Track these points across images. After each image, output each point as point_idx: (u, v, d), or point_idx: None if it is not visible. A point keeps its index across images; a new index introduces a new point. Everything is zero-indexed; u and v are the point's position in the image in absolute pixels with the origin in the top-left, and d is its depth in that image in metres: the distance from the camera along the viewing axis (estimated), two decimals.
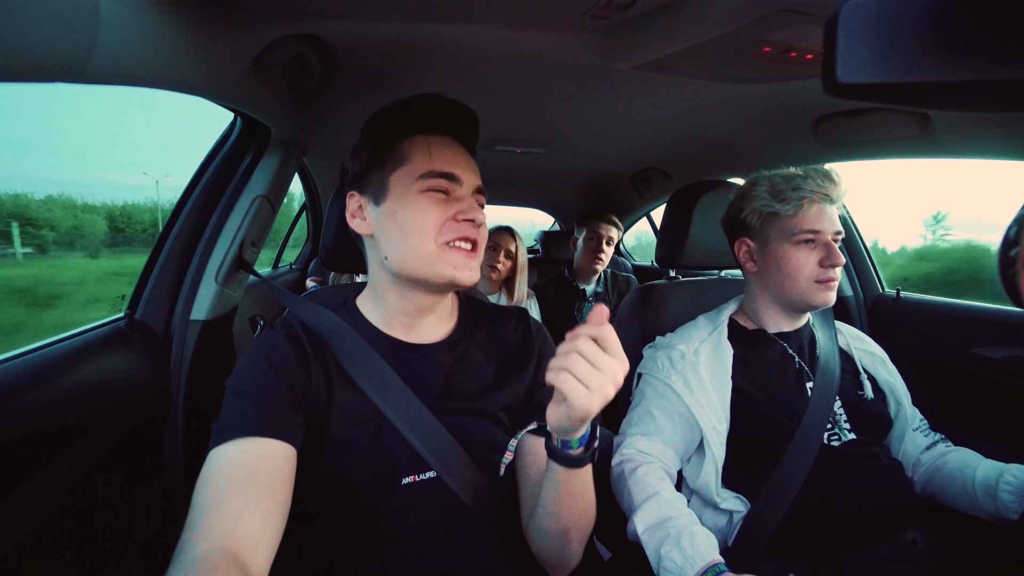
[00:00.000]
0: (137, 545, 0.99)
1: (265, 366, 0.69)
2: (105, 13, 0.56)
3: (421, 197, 0.70)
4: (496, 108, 1.44)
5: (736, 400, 0.98)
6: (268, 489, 0.61)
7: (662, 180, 2.21)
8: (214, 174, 1.21)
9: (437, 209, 0.70)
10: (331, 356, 0.73)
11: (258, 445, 0.63)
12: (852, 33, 0.32)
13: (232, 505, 0.58)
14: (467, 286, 0.72)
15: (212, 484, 0.60)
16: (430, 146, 0.72)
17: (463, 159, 0.74)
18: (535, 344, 0.83)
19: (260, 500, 0.59)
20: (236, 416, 0.65)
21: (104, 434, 0.91)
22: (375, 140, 0.75)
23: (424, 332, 0.79)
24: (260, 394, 0.67)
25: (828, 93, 0.34)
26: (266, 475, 0.62)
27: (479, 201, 0.75)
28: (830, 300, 0.99)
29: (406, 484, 0.71)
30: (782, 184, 0.99)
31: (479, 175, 0.76)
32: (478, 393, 0.77)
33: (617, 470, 0.98)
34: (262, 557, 0.57)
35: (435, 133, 0.75)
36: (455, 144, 0.75)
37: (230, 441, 0.62)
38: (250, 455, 0.62)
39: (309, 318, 0.77)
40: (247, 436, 0.63)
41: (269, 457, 0.63)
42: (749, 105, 1.29)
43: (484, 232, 0.75)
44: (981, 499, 0.91)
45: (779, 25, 0.75)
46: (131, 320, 1.09)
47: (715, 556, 0.78)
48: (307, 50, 0.97)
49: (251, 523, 0.57)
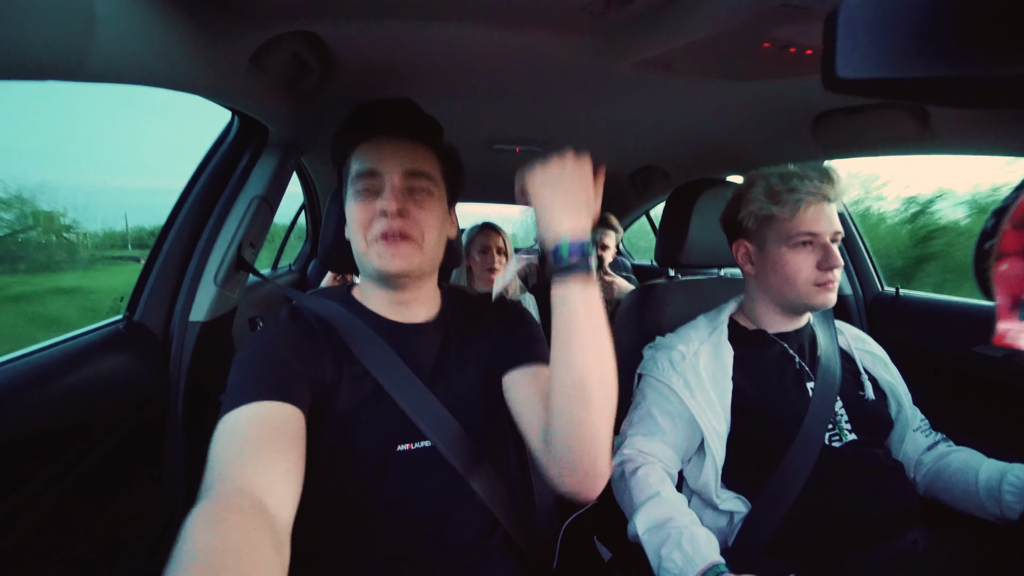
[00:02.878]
0: (136, 547, 0.98)
1: (274, 340, 0.72)
2: (101, 11, 0.55)
3: (354, 201, 0.77)
4: (494, 107, 1.44)
5: (737, 401, 0.98)
6: (286, 445, 0.60)
7: (661, 178, 2.20)
8: (212, 174, 1.21)
9: (362, 209, 0.76)
10: (335, 335, 0.77)
11: (271, 408, 0.62)
12: (852, 29, 0.32)
13: (253, 456, 0.56)
14: (398, 273, 0.76)
15: (230, 442, 0.58)
16: (368, 149, 0.78)
17: (389, 150, 0.77)
18: (510, 310, 0.89)
19: (280, 454, 0.58)
20: (247, 383, 0.65)
21: (103, 436, 0.91)
22: (336, 162, 0.84)
23: (415, 314, 0.84)
24: (270, 363, 0.68)
25: (828, 89, 0.34)
26: (281, 434, 0.61)
27: (408, 186, 0.76)
28: (830, 301, 0.98)
29: (401, 451, 0.74)
30: (779, 185, 0.98)
31: (418, 160, 0.77)
32: (465, 365, 0.82)
33: (617, 471, 0.98)
34: (286, 505, 0.55)
35: (373, 136, 0.79)
36: (390, 140, 0.78)
37: (243, 405, 0.62)
38: (264, 416, 0.61)
39: (313, 306, 0.81)
40: (260, 400, 0.62)
41: (283, 418, 0.62)
42: (748, 103, 1.29)
43: (415, 219, 0.76)
44: (985, 501, 0.91)
45: (778, 21, 0.75)
46: (130, 322, 1.08)
47: (716, 557, 0.77)
48: (305, 49, 0.97)
49: (273, 474, 0.56)
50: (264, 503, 0.52)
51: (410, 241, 0.75)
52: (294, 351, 0.71)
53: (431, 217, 0.77)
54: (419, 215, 0.76)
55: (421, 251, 0.76)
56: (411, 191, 0.77)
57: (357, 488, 0.73)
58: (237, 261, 1.21)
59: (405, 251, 0.75)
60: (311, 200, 2.52)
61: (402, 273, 0.76)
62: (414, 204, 0.76)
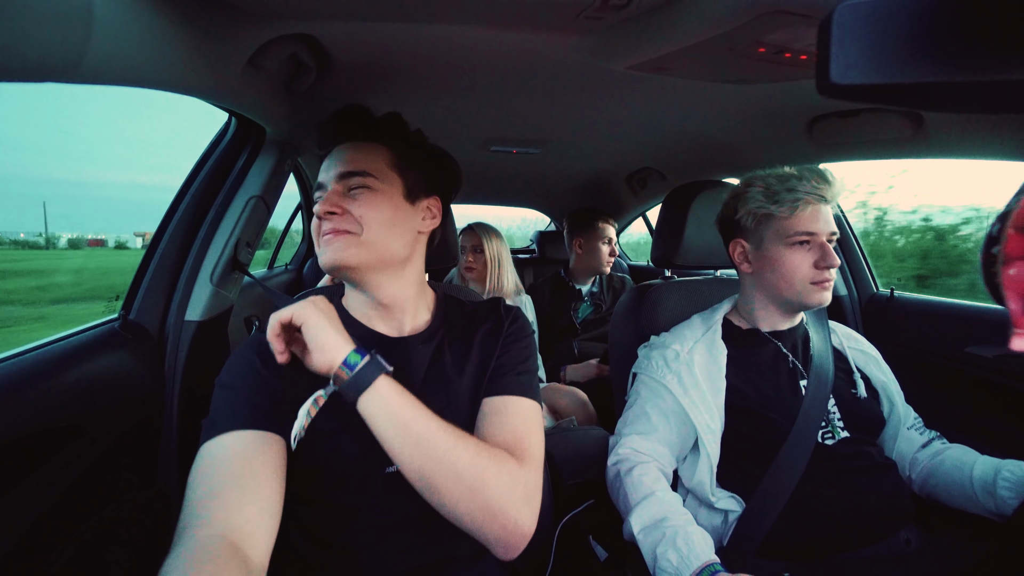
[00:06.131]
0: (132, 546, 0.98)
1: (255, 360, 0.72)
2: (98, 12, 0.55)
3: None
4: (492, 109, 1.44)
5: (730, 399, 0.98)
6: (263, 480, 0.61)
7: (658, 180, 2.21)
8: (209, 174, 1.20)
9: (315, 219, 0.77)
10: None
11: (250, 437, 0.64)
12: (846, 34, 0.32)
13: (229, 495, 0.58)
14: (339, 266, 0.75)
15: (207, 476, 0.60)
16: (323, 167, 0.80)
17: (334, 160, 0.79)
18: (504, 324, 0.87)
19: (256, 490, 0.60)
20: (227, 410, 0.66)
21: (99, 435, 0.90)
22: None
23: (403, 325, 0.83)
24: (249, 388, 0.69)
25: (822, 94, 0.34)
26: (260, 466, 0.62)
27: (345, 187, 0.77)
28: (826, 300, 0.99)
29: (390, 473, 0.72)
30: (776, 185, 0.99)
31: (354, 161, 0.78)
32: (455, 380, 0.80)
33: (612, 470, 0.99)
34: (261, 546, 0.57)
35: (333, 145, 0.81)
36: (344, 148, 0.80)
37: (222, 434, 0.63)
38: (243, 447, 0.63)
39: None
40: (239, 429, 0.64)
41: (262, 449, 0.64)
42: (744, 106, 1.30)
43: (350, 213, 0.76)
44: (980, 497, 0.91)
45: (773, 26, 0.76)
46: (125, 321, 1.08)
47: (711, 556, 0.78)
48: (302, 50, 0.97)
49: (249, 512, 0.58)
50: (239, 547, 0.54)
51: (345, 234, 0.75)
52: (275, 371, 0.71)
53: (370, 210, 0.76)
54: (356, 210, 0.75)
55: (360, 242, 0.75)
56: (348, 190, 0.77)
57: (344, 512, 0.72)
58: (233, 261, 1.21)
59: (339, 244, 0.74)
60: (308, 200, 2.52)
61: (343, 265, 0.75)
62: (350, 200, 0.76)
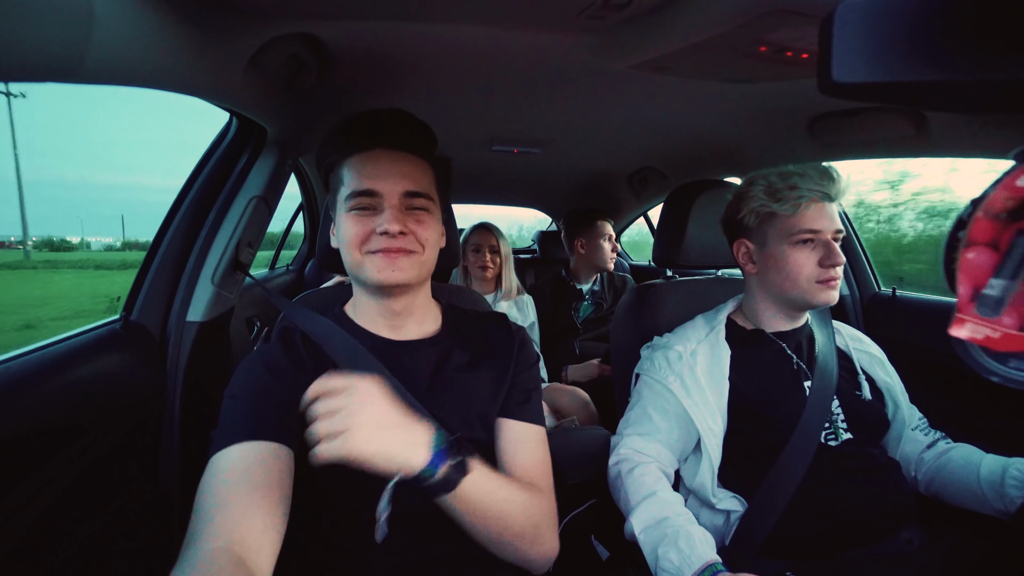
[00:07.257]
0: (133, 547, 0.98)
1: (262, 370, 0.73)
2: (99, 12, 0.55)
3: (348, 216, 0.77)
4: (493, 108, 1.44)
5: (734, 400, 0.98)
6: (269, 491, 0.62)
7: (659, 179, 2.21)
8: (210, 175, 1.20)
9: (359, 225, 0.75)
10: (326, 357, 0.77)
11: (258, 449, 0.64)
12: (847, 33, 0.32)
13: (235, 508, 0.59)
14: (394, 284, 0.76)
15: (214, 488, 0.61)
16: (362, 164, 0.77)
17: (386, 170, 0.77)
18: (514, 342, 0.88)
19: (262, 502, 0.60)
20: (235, 421, 0.67)
21: (100, 436, 0.91)
22: (323, 167, 0.83)
23: (409, 331, 0.84)
24: (258, 398, 0.70)
25: (823, 93, 0.34)
26: (267, 477, 0.63)
27: (407, 205, 0.77)
28: (832, 299, 0.99)
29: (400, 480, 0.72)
30: (779, 183, 0.98)
31: (415, 179, 0.78)
32: (462, 386, 0.81)
33: (614, 470, 0.98)
34: (265, 558, 0.58)
35: (367, 148, 0.78)
36: (386, 154, 0.78)
37: (230, 446, 0.64)
38: (250, 458, 0.63)
39: (303, 323, 0.81)
40: (247, 440, 0.64)
41: (269, 460, 0.64)
42: (745, 105, 1.29)
43: (415, 235, 0.77)
44: (988, 496, 0.90)
45: (775, 25, 0.75)
46: (127, 322, 1.08)
47: (712, 556, 0.78)
48: (304, 50, 0.97)
49: (254, 525, 0.58)
50: (244, 560, 0.55)
51: (411, 255, 0.77)
52: (282, 380, 0.72)
53: (430, 232, 0.79)
54: (419, 231, 0.77)
55: (420, 262, 0.78)
56: (410, 209, 0.77)
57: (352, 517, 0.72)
58: (235, 261, 1.21)
59: (405, 264, 0.76)
60: (309, 201, 2.52)
61: (404, 283, 0.77)
62: (414, 221, 0.77)
